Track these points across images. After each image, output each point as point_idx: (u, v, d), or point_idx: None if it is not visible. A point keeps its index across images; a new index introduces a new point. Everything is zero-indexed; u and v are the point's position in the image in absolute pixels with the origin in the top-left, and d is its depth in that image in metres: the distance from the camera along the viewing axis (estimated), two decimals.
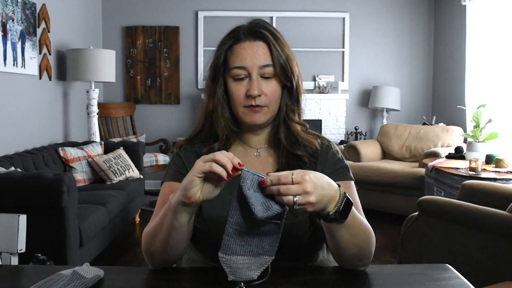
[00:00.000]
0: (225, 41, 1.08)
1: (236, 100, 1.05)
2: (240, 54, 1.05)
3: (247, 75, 1.05)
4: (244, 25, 1.09)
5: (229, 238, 0.84)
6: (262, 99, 1.04)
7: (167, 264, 1.00)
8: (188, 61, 5.41)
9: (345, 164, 1.13)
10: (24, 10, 3.44)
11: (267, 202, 0.81)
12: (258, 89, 1.03)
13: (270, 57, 1.05)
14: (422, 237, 2.25)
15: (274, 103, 1.07)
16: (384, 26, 5.49)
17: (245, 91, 1.04)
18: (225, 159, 0.82)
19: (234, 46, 1.07)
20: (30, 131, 3.55)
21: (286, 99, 1.09)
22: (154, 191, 5.05)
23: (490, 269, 1.94)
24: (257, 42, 1.06)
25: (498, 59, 4.12)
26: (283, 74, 1.06)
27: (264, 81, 1.05)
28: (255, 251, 0.85)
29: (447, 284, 0.93)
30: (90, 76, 4.00)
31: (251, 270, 0.85)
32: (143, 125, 5.33)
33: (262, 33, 1.06)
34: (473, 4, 4.46)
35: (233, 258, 0.84)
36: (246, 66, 1.04)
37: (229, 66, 1.06)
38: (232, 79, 1.06)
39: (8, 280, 0.97)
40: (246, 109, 1.05)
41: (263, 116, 1.06)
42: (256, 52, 1.05)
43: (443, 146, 4.42)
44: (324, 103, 5.26)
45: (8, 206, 2.24)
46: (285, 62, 1.05)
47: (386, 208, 4.13)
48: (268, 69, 1.05)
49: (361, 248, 0.95)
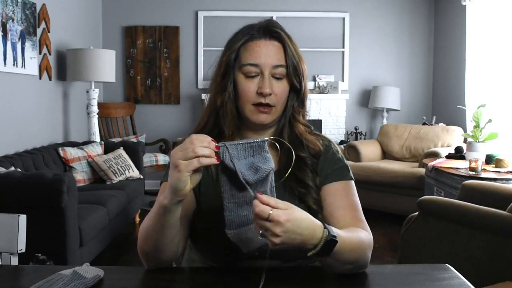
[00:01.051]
0: (239, 37, 1.07)
1: (245, 97, 1.05)
2: (254, 52, 1.04)
3: (258, 73, 1.04)
4: (258, 23, 1.09)
5: (230, 213, 0.84)
6: (272, 98, 1.04)
7: (161, 263, 1.00)
8: (188, 61, 5.41)
9: (345, 164, 1.12)
10: (24, 10, 3.44)
11: (254, 166, 0.82)
12: (270, 88, 1.03)
13: (284, 58, 1.05)
14: (422, 237, 2.25)
15: (281, 103, 1.07)
16: (384, 26, 5.49)
17: (255, 88, 1.04)
18: (208, 151, 0.81)
19: (248, 43, 1.06)
20: (30, 131, 3.55)
21: (293, 101, 1.10)
22: (154, 191, 5.04)
23: (490, 269, 1.94)
24: (272, 41, 1.06)
25: (498, 59, 4.12)
26: (295, 75, 1.06)
27: (274, 81, 1.05)
28: None
29: (447, 284, 0.93)
30: (90, 76, 4.00)
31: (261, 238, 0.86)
32: (143, 125, 5.33)
33: (278, 33, 1.06)
34: (473, 4, 4.46)
35: (241, 231, 0.85)
36: (259, 64, 1.04)
37: (241, 63, 1.05)
38: (243, 76, 1.05)
39: (8, 280, 0.97)
40: (254, 108, 1.05)
41: (270, 117, 1.06)
42: (270, 51, 1.04)
43: (443, 146, 4.42)
44: (324, 103, 5.26)
45: (8, 206, 2.24)
46: (298, 64, 1.06)
47: (386, 208, 4.13)
48: (280, 69, 1.05)
49: (354, 263, 0.95)
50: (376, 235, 1.01)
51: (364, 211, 1.06)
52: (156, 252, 0.96)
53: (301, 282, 0.95)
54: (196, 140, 0.82)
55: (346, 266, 0.94)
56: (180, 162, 0.82)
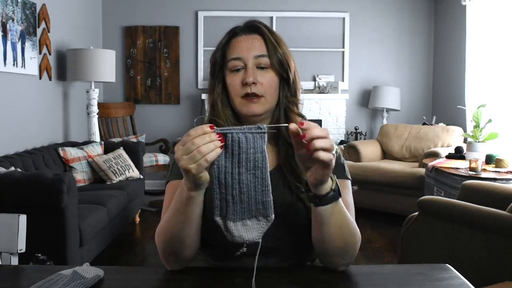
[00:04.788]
0: (224, 37, 1.12)
1: (233, 90, 1.07)
2: (236, 47, 1.08)
3: (243, 66, 1.06)
4: (241, 25, 1.13)
5: (217, 201, 0.85)
6: (259, 88, 1.05)
7: (184, 261, 1.01)
8: (188, 61, 5.41)
9: (341, 163, 1.13)
10: (24, 10, 3.44)
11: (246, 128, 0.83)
12: (253, 77, 1.04)
13: (265, 49, 1.07)
14: (422, 237, 2.25)
15: (271, 93, 1.07)
16: (384, 26, 5.49)
17: (241, 80, 1.06)
18: (212, 145, 0.81)
19: (231, 41, 1.10)
20: (30, 131, 3.55)
21: (285, 91, 1.10)
22: (154, 191, 5.04)
23: (490, 269, 1.94)
24: (253, 35, 1.09)
25: (498, 59, 4.12)
26: (279, 65, 1.07)
27: (260, 71, 1.06)
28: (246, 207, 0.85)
29: (447, 284, 0.93)
30: (90, 76, 4.00)
31: (250, 232, 0.85)
32: (143, 125, 5.33)
33: (258, 27, 1.09)
34: (473, 4, 4.46)
35: (229, 220, 0.85)
36: (241, 56, 1.06)
37: (226, 60, 1.08)
38: (229, 71, 1.08)
39: (8, 280, 0.97)
40: (243, 100, 1.06)
41: (260, 106, 1.07)
42: (251, 43, 1.07)
43: (443, 146, 4.42)
44: (324, 103, 5.26)
45: (8, 206, 2.24)
46: (281, 55, 1.07)
47: (386, 208, 4.12)
48: (263, 59, 1.06)
49: (346, 242, 0.96)
50: (376, 235, 1.02)
51: (364, 211, 1.07)
52: (181, 249, 0.97)
53: (300, 281, 0.95)
54: (197, 139, 0.81)
55: (339, 242, 0.95)
56: (189, 167, 0.82)
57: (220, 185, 0.84)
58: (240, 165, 0.83)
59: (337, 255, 0.97)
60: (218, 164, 0.83)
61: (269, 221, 0.85)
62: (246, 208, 0.85)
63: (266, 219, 0.85)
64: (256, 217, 0.85)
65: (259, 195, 0.84)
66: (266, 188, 0.84)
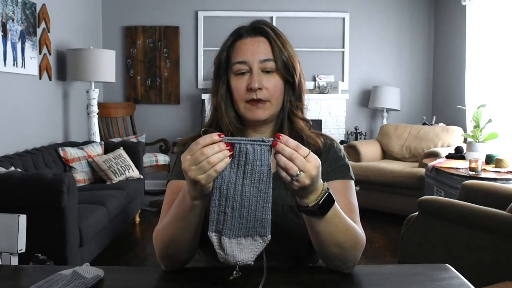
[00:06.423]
0: (228, 38, 1.09)
1: (238, 95, 1.05)
2: (241, 50, 1.06)
3: (248, 70, 1.05)
4: (246, 24, 1.10)
5: (215, 214, 0.82)
6: (264, 93, 1.04)
7: (180, 263, 1.00)
8: (188, 61, 5.41)
9: (346, 163, 1.12)
10: (24, 10, 3.44)
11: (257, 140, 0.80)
12: (258, 82, 1.03)
13: (271, 52, 1.05)
14: (422, 237, 2.25)
15: (276, 98, 1.06)
16: (384, 26, 5.49)
17: (246, 85, 1.04)
18: (221, 155, 0.79)
19: (236, 43, 1.08)
20: (30, 131, 3.55)
21: (289, 95, 1.09)
22: (154, 191, 5.05)
23: (490, 269, 1.94)
24: (258, 37, 1.07)
25: (498, 59, 4.12)
26: (285, 69, 1.05)
27: (265, 76, 1.05)
28: (245, 223, 0.82)
29: (447, 284, 0.93)
30: (90, 76, 4.00)
31: (243, 252, 0.82)
32: (143, 125, 5.33)
33: (264, 29, 1.07)
34: (473, 4, 4.46)
35: (224, 236, 0.82)
36: (247, 60, 1.04)
37: (231, 62, 1.07)
38: (234, 74, 1.06)
39: (8, 280, 0.97)
40: (248, 105, 1.05)
41: (266, 111, 1.05)
42: (257, 47, 1.05)
43: (443, 146, 4.42)
44: (324, 103, 5.26)
45: (8, 206, 2.23)
46: (287, 58, 1.05)
47: (386, 208, 4.13)
48: (269, 63, 1.05)
49: (343, 248, 0.93)
50: (376, 235, 1.01)
51: (364, 211, 1.06)
52: (179, 253, 0.97)
53: (301, 282, 0.95)
54: (206, 149, 0.79)
55: (335, 248, 0.92)
56: (198, 178, 0.80)
57: (220, 196, 0.81)
58: (245, 177, 0.81)
59: (337, 259, 0.96)
60: (222, 174, 0.81)
61: (265, 241, 0.82)
62: (244, 224, 0.82)
63: (262, 239, 0.82)
64: (252, 236, 0.82)
65: (259, 212, 0.81)
66: (267, 205, 0.81)
